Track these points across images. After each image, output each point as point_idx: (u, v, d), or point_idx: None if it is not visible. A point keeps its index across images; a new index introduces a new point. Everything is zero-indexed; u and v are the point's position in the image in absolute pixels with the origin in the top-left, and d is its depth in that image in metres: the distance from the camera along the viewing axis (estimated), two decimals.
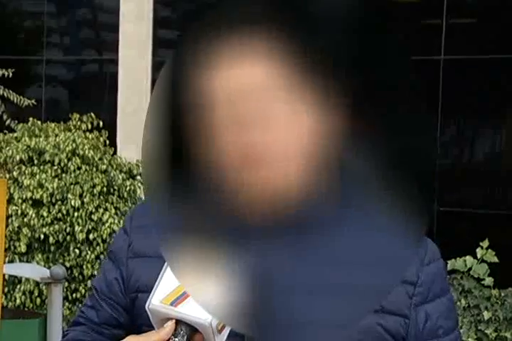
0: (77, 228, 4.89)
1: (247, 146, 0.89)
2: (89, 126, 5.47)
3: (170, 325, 1.04)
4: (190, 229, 0.90)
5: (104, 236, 4.86)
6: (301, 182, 0.89)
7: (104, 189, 4.99)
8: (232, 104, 0.89)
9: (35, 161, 5.09)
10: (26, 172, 5.01)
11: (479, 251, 4.58)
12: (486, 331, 4.28)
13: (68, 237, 4.93)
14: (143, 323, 1.15)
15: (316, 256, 0.89)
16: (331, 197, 0.88)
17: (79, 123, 5.47)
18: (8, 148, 5.16)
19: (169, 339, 1.04)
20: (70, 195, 4.91)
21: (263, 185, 0.89)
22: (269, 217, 0.89)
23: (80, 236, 4.87)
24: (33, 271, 4.15)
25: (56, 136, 5.21)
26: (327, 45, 0.87)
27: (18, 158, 5.07)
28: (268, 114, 0.89)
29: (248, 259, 0.89)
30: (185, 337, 1.04)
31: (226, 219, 0.89)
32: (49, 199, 4.94)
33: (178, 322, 1.05)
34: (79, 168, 5.05)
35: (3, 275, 2.67)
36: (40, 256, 4.95)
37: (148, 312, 1.06)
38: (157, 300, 1.05)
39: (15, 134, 5.40)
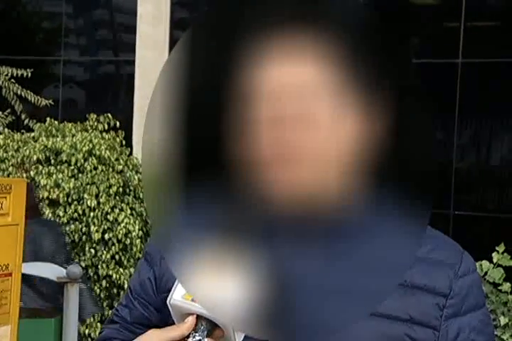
0: (92, 228, 4.90)
1: (285, 144, 0.89)
2: (106, 127, 5.48)
3: (191, 320, 1.05)
4: (210, 231, 0.90)
5: (120, 237, 4.87)
6: (339, 185, 0.88)
7: (120, 189, 5.00)
8: (276, 102, 0.88)
9: (52, 161, 5.11)
10: (43, 172, 5.04)
11: (495, 256, 4.55)
12: (502, 336, 4.25)
13: (84, 237, 4.95)
14: (174, 323, 1.15)
15: (343, 260, 0.88)
16: (366, 202, 0.88)
17: (96, 123, 5.49)
18: (25, 148, 5.19)
19: (190, 333, 1.05)
20: (86, 195, 4.93)
21: (297, 185, 0.88)
22: (301, 218, 0.89)
23: (96, 236, 4.88)
24: (49, 270, 4.17)
25: (73, 136, 5.23)
26: (376, 49, 0.86)
27: (35, 157, 5.09)
28: (311, 114, 0.88)
29: (271, 260, 0.89)
30: (206, 332, 1.04)
31: (254, 218, 0.89)
32: (65, 199, 4.96)
33: (199, 317, 1.05)
34: (95, 168, 5.06)
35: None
36: None
37: (170, 307, 1.07)
38: (178, 296, 1.06)
39: (32, 134, 5.42)
